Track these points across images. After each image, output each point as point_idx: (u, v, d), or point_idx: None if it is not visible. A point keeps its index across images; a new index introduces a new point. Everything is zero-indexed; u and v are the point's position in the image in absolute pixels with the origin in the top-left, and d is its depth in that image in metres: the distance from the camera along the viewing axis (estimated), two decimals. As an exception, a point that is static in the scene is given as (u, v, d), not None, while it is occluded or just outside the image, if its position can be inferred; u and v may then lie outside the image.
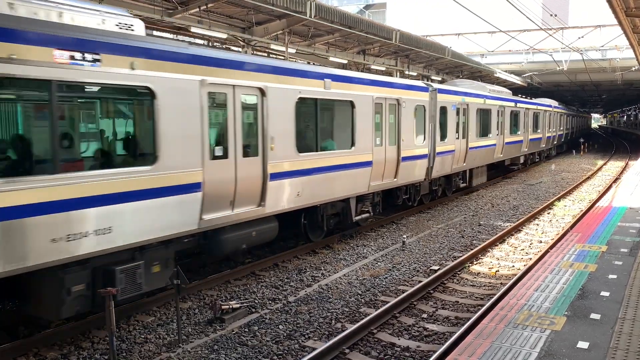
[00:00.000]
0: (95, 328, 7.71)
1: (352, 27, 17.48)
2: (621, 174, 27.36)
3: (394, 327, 7.95)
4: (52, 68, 6.38)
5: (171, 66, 7.92)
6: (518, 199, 19.86)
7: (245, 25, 16.26)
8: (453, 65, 28.90)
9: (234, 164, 9.10)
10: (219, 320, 8.01)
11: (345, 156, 12.29)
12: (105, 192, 7.04)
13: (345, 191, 12.33)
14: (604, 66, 34.65)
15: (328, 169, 11.65)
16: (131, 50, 7.31)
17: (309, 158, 11.01)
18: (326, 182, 11.60)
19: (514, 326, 5.70)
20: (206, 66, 8.54)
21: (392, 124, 14.09)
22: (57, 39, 6.44)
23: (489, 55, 37.16)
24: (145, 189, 7.56)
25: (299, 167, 10.70)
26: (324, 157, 11.51)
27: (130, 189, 7.34)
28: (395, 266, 11.00)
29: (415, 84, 15.79)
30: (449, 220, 15.79)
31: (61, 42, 6.49)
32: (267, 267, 10.86)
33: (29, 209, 6.20)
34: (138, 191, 7.47)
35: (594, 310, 6.11)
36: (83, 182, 6.78)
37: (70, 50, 6.57)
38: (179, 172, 8.08)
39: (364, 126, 12.81)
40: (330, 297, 9.14)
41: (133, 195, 7.38)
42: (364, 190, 13.10)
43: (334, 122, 12.38)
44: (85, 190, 6.79)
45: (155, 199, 7.70)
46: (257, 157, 9.65)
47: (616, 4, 12.89)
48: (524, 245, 12.80)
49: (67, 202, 6.58)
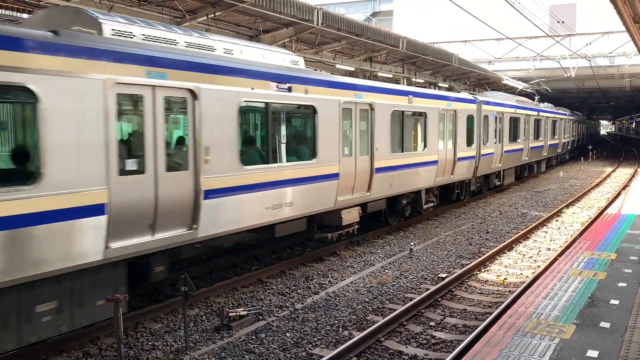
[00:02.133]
0: (104, 335, 7.73)
1: (359, 34, 17.53)
2: (630, 181, 27.17)
3: (402, 335, 7.91)
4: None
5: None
6: (526, 206, 19.77)
7: (253, 34, 16.34)
8: (460, 72, 28.88)
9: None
10: (226, 327, 8.01)
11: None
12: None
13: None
14: (612, 73, 34.50)
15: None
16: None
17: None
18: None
19: (522, 334, 5.67)
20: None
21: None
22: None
23: (496, 62, 37.09)
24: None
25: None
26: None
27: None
28: (402, 274, 10.96)
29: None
30: (457, 227, 15.73)
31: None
32: (274, 274, 10.86)
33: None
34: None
35: (604, 318, 6.06)
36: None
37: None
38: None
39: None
40: (338, 305, 9.12)
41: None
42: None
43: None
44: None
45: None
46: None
47: (624, 11, 12.84)
48: (532, 253, 12.73)
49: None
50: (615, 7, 12.30)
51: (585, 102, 58.69)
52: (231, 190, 8.92)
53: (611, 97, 51.68)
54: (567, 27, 29.99)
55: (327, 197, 11.40)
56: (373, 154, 12.80)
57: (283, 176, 10.11)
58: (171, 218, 7.83)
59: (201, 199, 8.25)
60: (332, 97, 11.45)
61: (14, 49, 5.97)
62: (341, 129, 11.74)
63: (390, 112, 13.44)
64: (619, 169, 35.99)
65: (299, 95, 10.51)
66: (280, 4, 13.59)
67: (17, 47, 6.01)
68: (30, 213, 6.14)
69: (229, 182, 8.84)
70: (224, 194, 8.76)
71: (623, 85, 37.36)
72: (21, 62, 6.02)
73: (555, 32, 29.45)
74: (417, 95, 15.03)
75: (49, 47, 6.32)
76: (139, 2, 12.82)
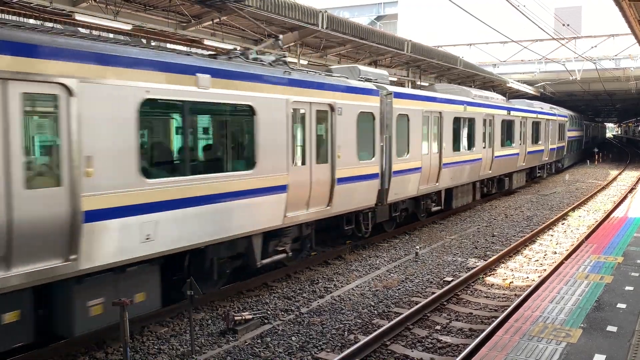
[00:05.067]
0: (110, 339, 7.75)
1: (363, 38, 17.56)
2: (637, 184, 27.06)
3: (408, 339, 7.90)
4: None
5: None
6: (532, 209, 19.71)
7: (258, 38, 16.40)
8: (465, 75, 28.87)
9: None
10: (232, 331, 8.02)
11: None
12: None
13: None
14: (617, 75, 34.41)
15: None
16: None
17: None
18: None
19: (529, 338, 5.65)
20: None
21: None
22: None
23: (501, 65, 37.08)
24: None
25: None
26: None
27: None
28: (408, 277, 10.95)
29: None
30: (463, 231, 15.70)
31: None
32: (279, 278, 10.86)
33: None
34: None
35: (611, 322, 6.04)
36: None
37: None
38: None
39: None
40: (343, 309, 9.11)
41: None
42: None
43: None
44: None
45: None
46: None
47: (630, 14, 12.83)
48: (538, 257, 12.68)
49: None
50: (620, 9, 12.30)
51: (590, 104, 58.53)
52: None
53: (617, 100, 51.51)
54: (573, 29, 29.94)
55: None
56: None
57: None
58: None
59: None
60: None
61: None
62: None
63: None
64: (625, 171, 35.84)
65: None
66: (285, 8, 13.63)
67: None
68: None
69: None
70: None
71: (629, 88, 37.26)
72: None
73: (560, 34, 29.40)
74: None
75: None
76: (144, 7, 12.90)
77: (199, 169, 8.53)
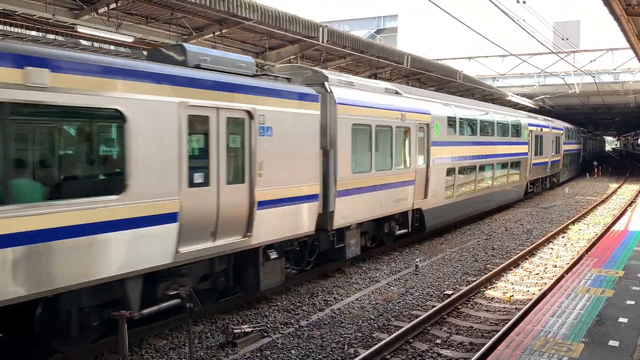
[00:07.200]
0: (108, 351, 7.70)
1: (363, 51, 17.67)
2: (637, 198, 27.04)
3: (408, 353, 7.85)
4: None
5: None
6: (532, 222, 19.69)
7: (259, 50, 16.50)
8: (465, 88, 29.01)
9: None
10: (231, 344, 7.97)
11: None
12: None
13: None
14: (616, 89, 34.59)
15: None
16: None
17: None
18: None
19: (530, 352, 5.62)
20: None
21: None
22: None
23: (501, 79, 37.29)
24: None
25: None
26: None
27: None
28: (408, 290, 10.91)
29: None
30: (463, 244, 15.67)
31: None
32: (279, 291, 10.81)
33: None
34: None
35: (612, 337, 6.01)
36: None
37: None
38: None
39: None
40: (343, 322, 9.07)
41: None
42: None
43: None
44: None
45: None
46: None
47: (628, 28, 12.92)
48: (538, 270, 12.65)
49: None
50: (619, 24, 12.39)
51: (590, 118, 58.74)
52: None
53: (616, 113, 51.71)
54: (571, 43, 30.12)
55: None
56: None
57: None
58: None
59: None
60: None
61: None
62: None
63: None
64: (624, 185, 35.85)
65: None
66: (286, 21, 13.74)
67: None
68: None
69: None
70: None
71: (627, 102, 37.42)
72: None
73: (559, 48, 29.59)
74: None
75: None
76: (146, 20, 12.99)
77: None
